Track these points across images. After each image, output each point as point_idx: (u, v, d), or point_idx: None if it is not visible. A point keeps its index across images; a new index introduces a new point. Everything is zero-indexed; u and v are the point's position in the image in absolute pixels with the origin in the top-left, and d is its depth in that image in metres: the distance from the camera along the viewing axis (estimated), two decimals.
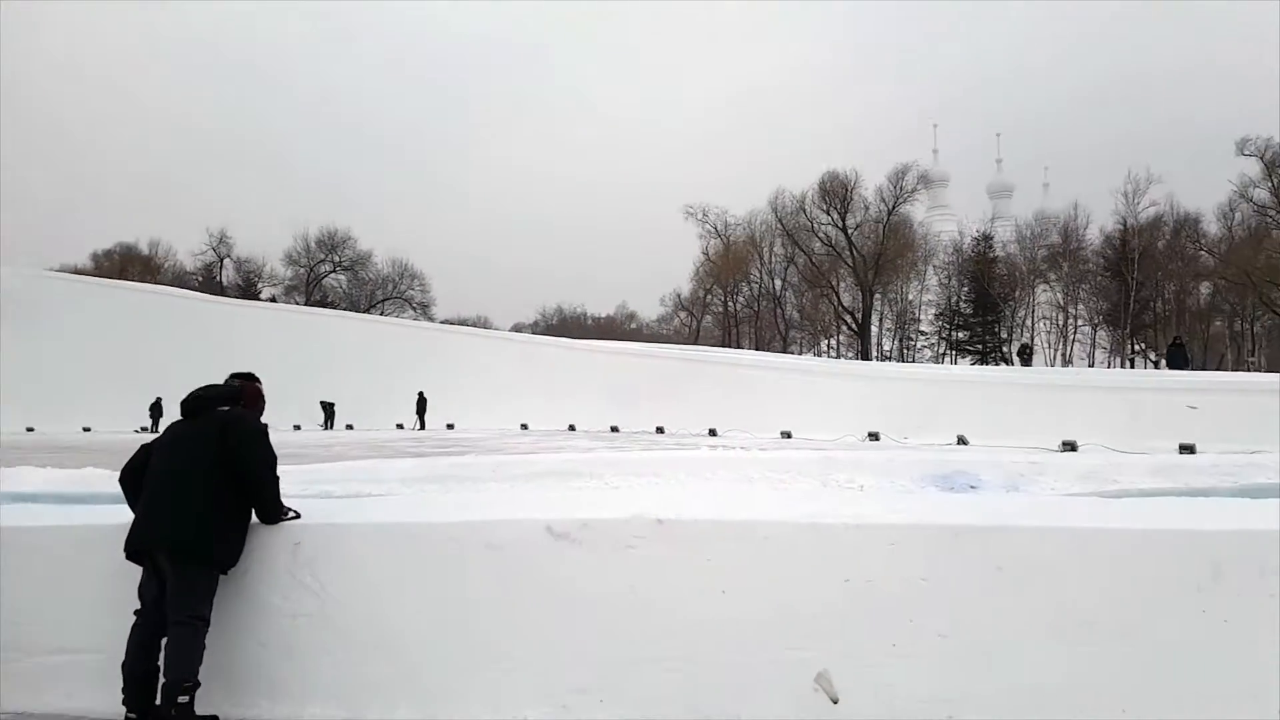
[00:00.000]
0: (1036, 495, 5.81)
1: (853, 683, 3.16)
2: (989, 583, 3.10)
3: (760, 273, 64.20)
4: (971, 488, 6.29)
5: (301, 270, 65.41)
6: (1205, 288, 54.16)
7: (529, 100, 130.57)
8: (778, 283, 64.02)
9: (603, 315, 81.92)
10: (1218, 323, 55.54)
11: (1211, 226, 53.57)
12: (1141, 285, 50.65)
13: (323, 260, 65.51)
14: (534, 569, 3.34)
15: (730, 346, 55.11)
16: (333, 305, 59.97)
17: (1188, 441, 17.17)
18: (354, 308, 60.56)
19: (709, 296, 66.48)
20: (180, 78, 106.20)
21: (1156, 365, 47.33)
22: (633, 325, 78.59)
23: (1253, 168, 48.80)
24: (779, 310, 63.75)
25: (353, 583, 3.53)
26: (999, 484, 6.22)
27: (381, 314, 60.45)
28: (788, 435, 21.47)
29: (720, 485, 6.19)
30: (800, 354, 57.74)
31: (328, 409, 30.65)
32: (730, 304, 65.79)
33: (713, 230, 64.48)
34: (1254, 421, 18.48)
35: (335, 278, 66.65)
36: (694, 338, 62.86)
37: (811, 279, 60.09)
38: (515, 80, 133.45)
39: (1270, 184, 48.41)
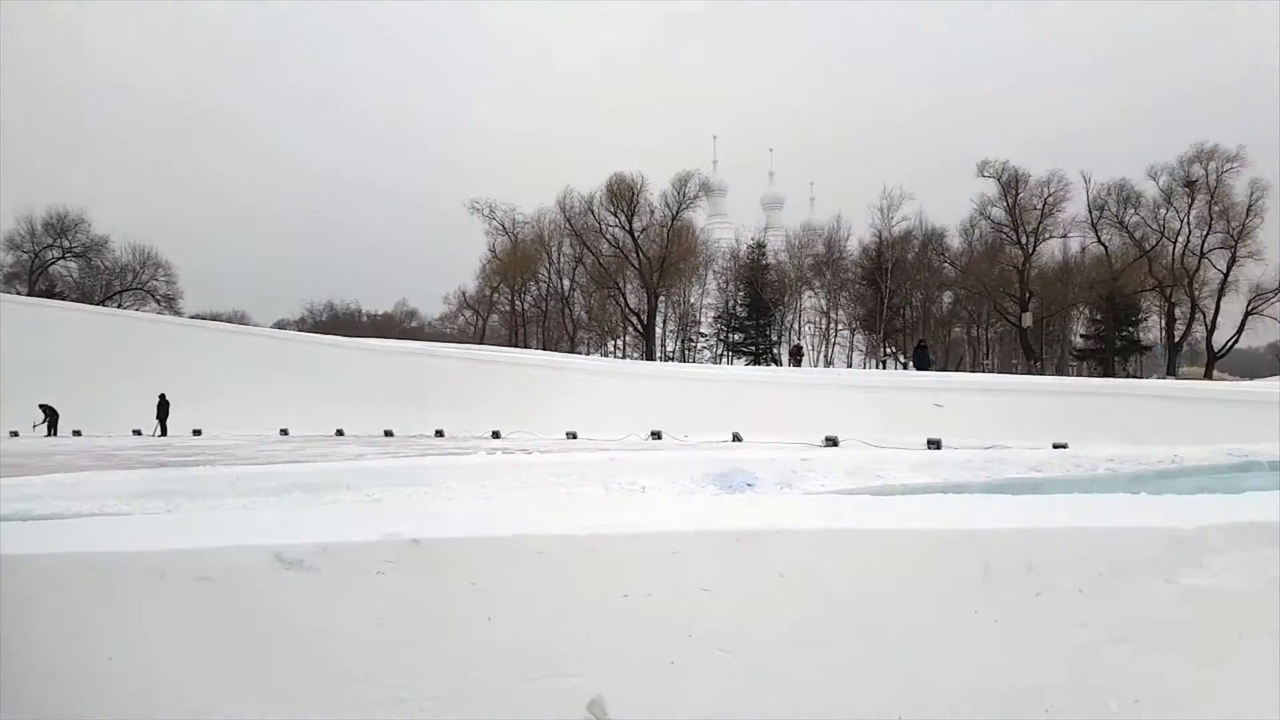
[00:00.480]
0: (815, 493, 5.88)
1: (628, 707, 2.86)
2: (773, 590, 2.92)
3: (549, 272, 64.07)
4: (749, 485, 6.28)
5: (25, 256, 57.37)
6: (948, 296, 60.39)
7: (288, 91, 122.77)
8: (566, 282, 64.17)
9: (379, 312, 78.54)
10: (957, 329, 62.15)
11: (954, 241, 59.85)
12: (894, 293, 55.61)
13: (50, 245, 57.82)
14: (256, 605, 2.74)
15: (518, 346, 54.57)
16: (61, 296, 52.93)
17: (934, 437, 18.89)
18: (87, 299, 53.80)
19: (495, 295, 65.46)
20: None
21: (905, 366, 52.24)
22: (413, 323, 75.95)
23: (991, 188, 55.22)
24: (567, 310, 63.91)
25: (17, 629, 2.78)
26: (773, 481, 6.24)
27: (119, 306, 54.28)
28: (573, 436, 21.33)
29: (495, 494, 5.78)
30: (588, 354, 58.24)
31: (49, 413, 26.83)
32: (518, 303, 65.14)
33: (500, 227, 63.70)
34: (991, 418, 20.62)
35: (65, 265, 59.06)
36: (480, 337, 61.68)
37: (599, 279, 60.63)
38: (276, 63, 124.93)
39: (1005, 203, 54.83)
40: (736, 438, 20.82)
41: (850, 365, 56.65)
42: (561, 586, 2.89)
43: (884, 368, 54.57)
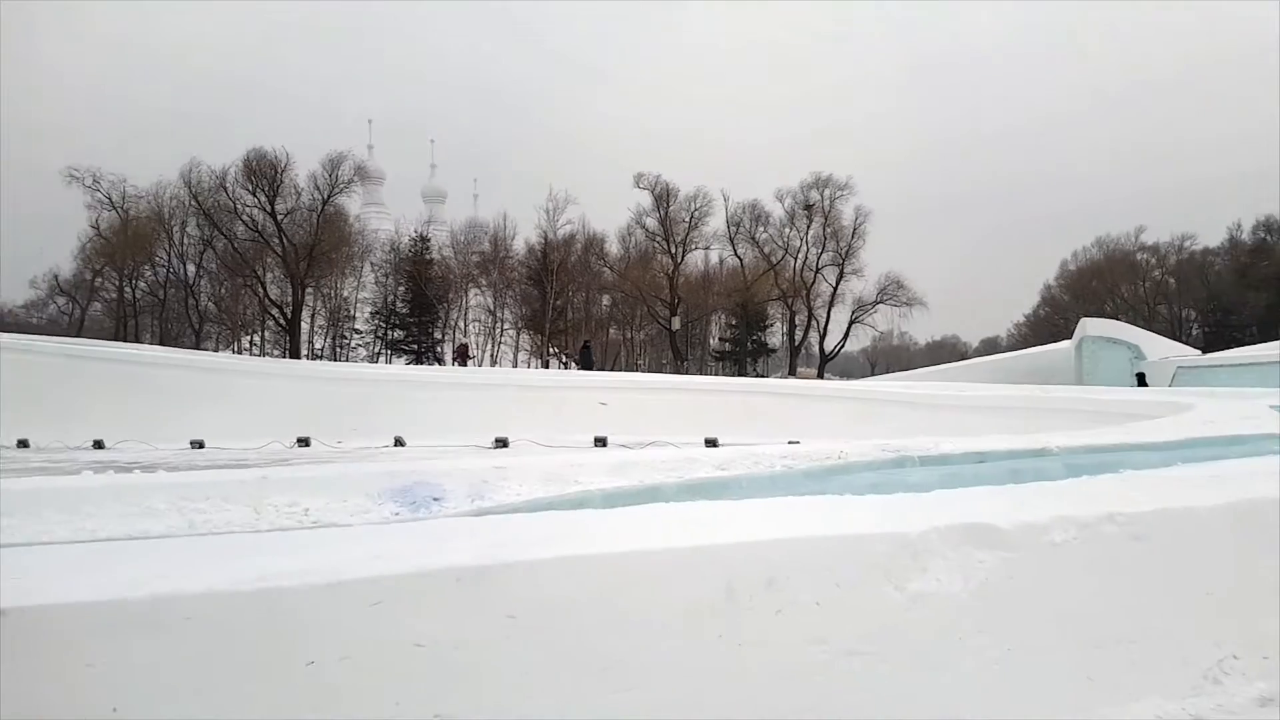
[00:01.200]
0: (521, 511, 5.42)
1: None
2: (502, 635, 2.42)
3: (169, 255, 56.12)
4: (435, 501, 5.63)
5: None
6: (606, 299, 63.37)
7: None
8: (191, 268, 56.80)
9: None
10: (613, 330, 65.43)
11: (613, 246, 62.54)
12: (558, 294, 57.13)
13: None
14: None
15: (126, 340, 47.21)
16: None
17: (601, 434, 19.43)
18: None
19: (99, 280, 56.19)
20: None
21: (567, 365, 53.87)
22: None
23: (646, 199, 58.97)
24: (191, 300, 56.67)
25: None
26: (464, 494, 5.62)
27: None
28: (200, 445, 18.62)
29: (108, 527, 4.51)
30: (216, 350, 52.27)
31: None
32: (129, 290, 56.50)
33: (106, 200, 54.25)
34: (652, 415, 21.61)
35: None
36: (77, 329, 52.36)
37: (233, 266, 54.10)
38: None
39: (658, 214, 58.89)
40: (399, 442, 19.71)
41: (516, 365, 57.17)
42: (221, 663, 2.14)
43: (548, 367, 55.81)
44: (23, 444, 18.94)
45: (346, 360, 53.27)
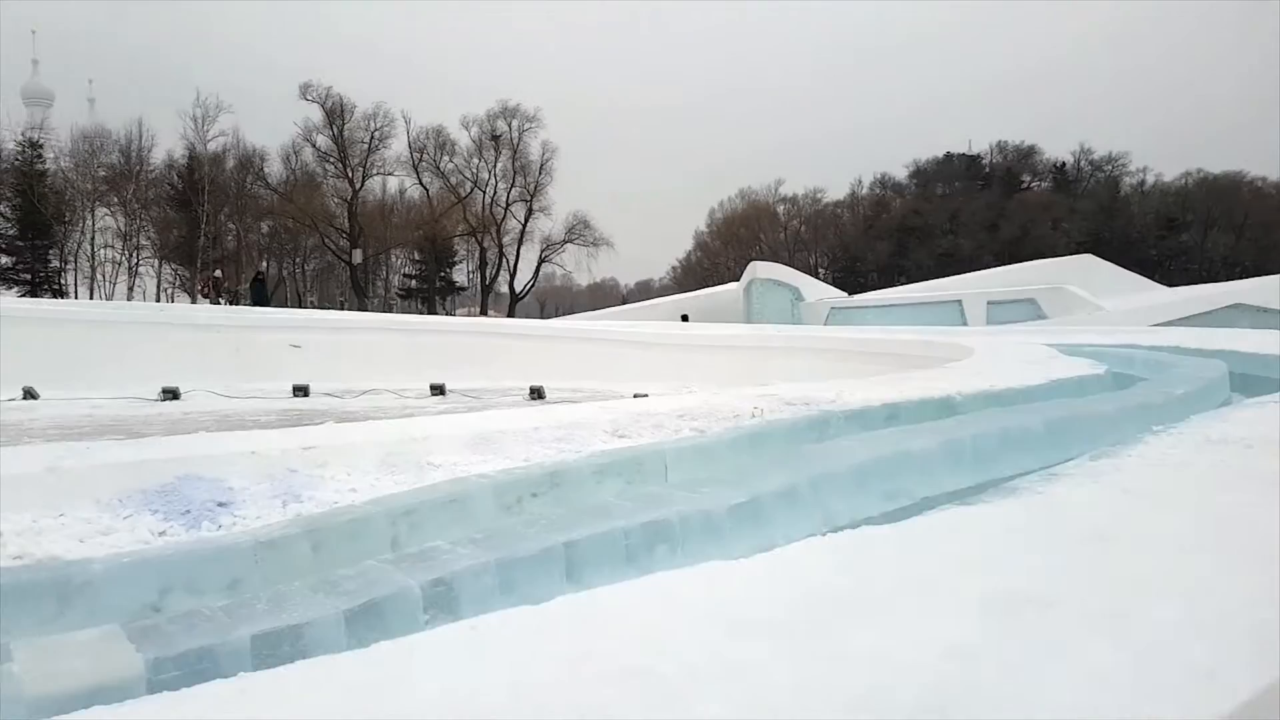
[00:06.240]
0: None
1: None
2: None
3: None
4: (221, 506, 3.64)
5: None
6: (265, 226, 56.28)
7: None
8: None
9: None
10: (269, 262, 58.35)
11: (275, 166, 55.49)
12: (210, 218, 49.55)
13: None
14: None
15: None
16: None
17: (300, 383, 16.67)
18: None
19: None
20: None
21: (232, 302, 47.05)
22: None
23: (315, 113, 52.56)
24: None
25: None
26: (266, 493, 3.71)
27: None
28: None
29: None
30: None
31: None
32: None
33: None
34: (354, 359, 19.10)
35: None
36: None
37: None
38: None
39: (331, 132, 52.77)
40: (30, 394, 15.52)
41: (159, 299, 48.98)
42: None
43: (195, 302, 48.46)
44: None
45: None
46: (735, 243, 71.13)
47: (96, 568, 2.98)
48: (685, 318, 34.02)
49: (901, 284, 45.53)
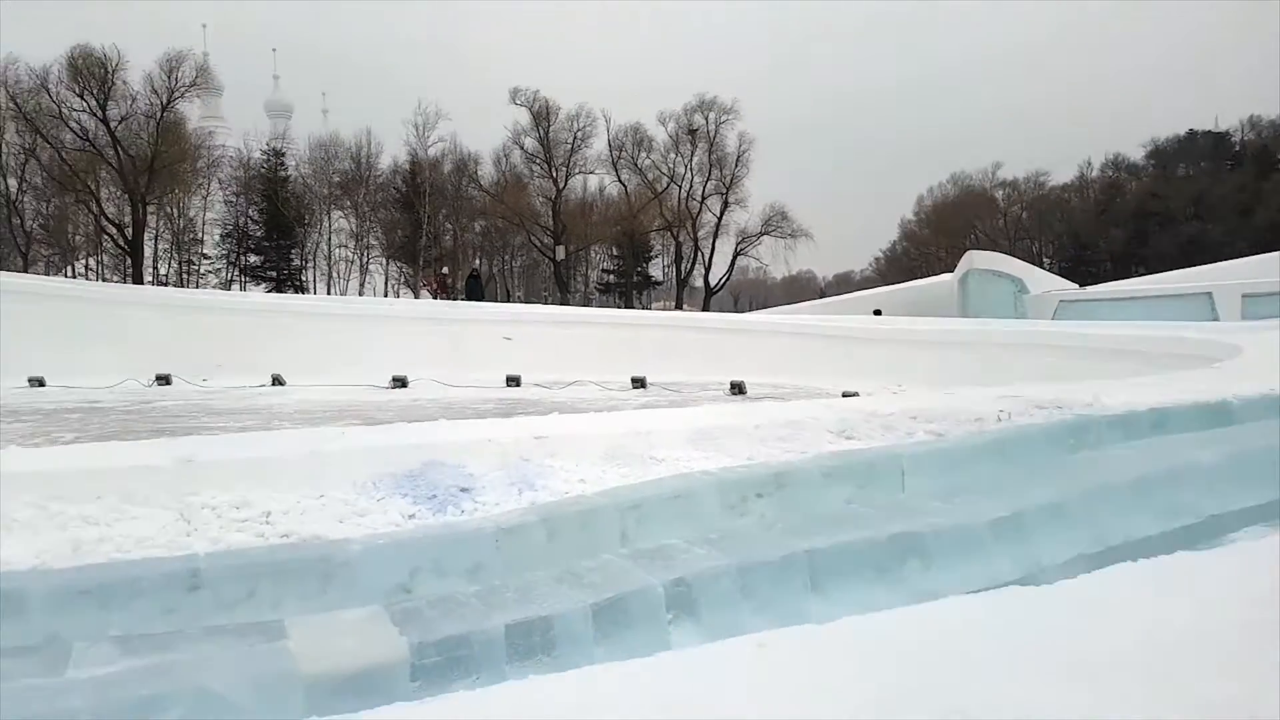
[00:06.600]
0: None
1: None
2: None
3: None
4: (464, 491, 3.76)
5: None
6: (478, 225, 59.63)
7: None
8: (13, 182, 49.46)
9: None
10: (480, 259, 61.76)
11: (488, 169, 58.32)
12: (430, 219, 53.20)
13: None
14: None
15: None
16: None
17: (513, 373, 17.46)
18: None
19: None
20: None
21: (449, 297, 50.26)
22: None
23: (524, 116, 54.98)
24: (16, 219, 49.38)
25: None
26: (501, 480, 3.79)
27: None
28: (39, 383, 15.62)
29: None
30: (48, 276, 45.96)
31: None
32: None
33: None
34: (562, 351, 19.78)
35: None
36: None
37: (63, 180, 47.21)
38: None
39: (538, 133, 55.12)
40: (277, 381, 17.24)
41: (387, 295, 53.23)
42: None
43: (417, 298, 52.16)
44: None
45: (197, 288, 48.01)
46: (946, 231, 67.30)
47: (355, 548, 3.11)
48: (878, 312, 32.61)
49: (1139, 274, 41.31)
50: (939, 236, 67.76)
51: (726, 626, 2.38)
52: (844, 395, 9.09)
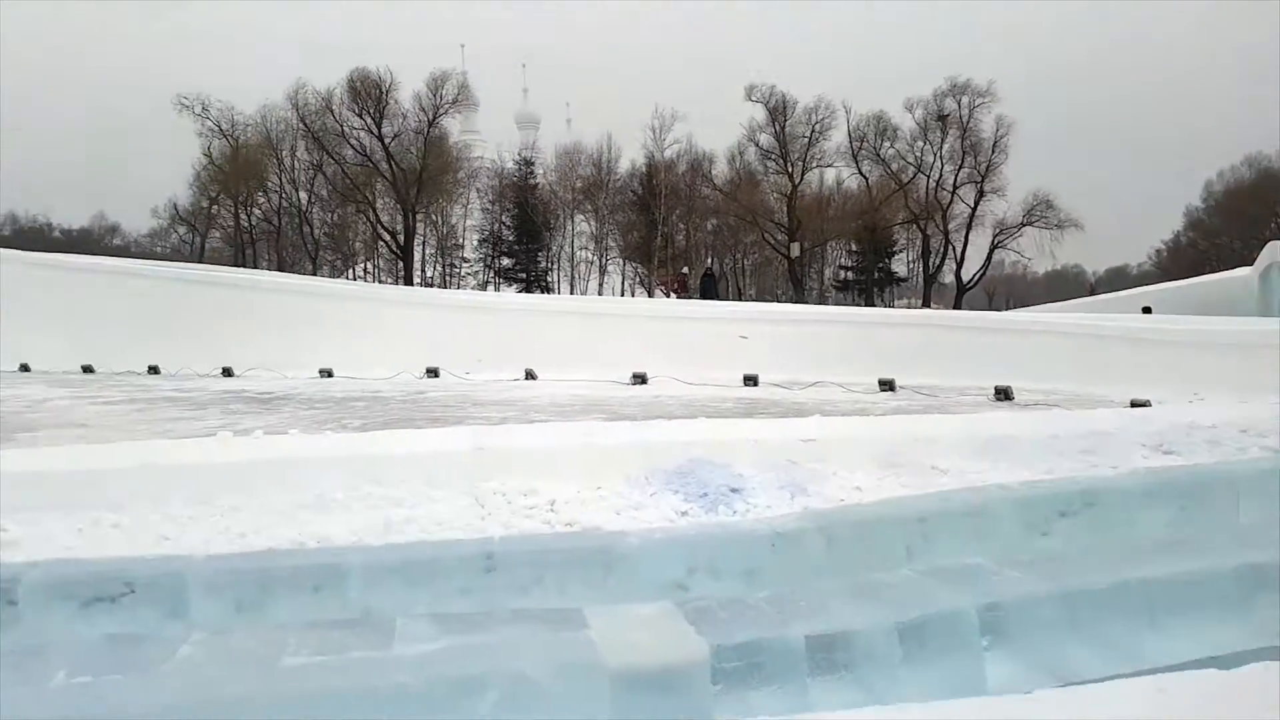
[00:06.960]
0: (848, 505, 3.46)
1: None
2: None
3: (281, 181, 55.64)
4: (734, 491, 3.68)
5: None
6: (710, 224, 60.05)
7: None
8: (303, 195, 56.32)
9: (75, 227, 66.21)
10: (712, 258, 62.06)
11: (721, 167, 58.29)
12: (665, 220, 54.42)
13: None
14: None
15: (245, 268, 47.37)
16: None
17: (750, 372, 17.34)
18: None
19: (215, 208, 56.43)
20: None
21: (688, 296, 51.31)
22: (116, 240, 64.53)
23: (759, 113, 54.09)
24: (306, 227, 56.40)
25: None
26: (773, 484, 3.67)
27: None
28: (328, 374, 17.70)
29: (258, 533, 2.87)
30: (332, 278, 52.06)
31: None
32: (244, 217, 56.67)
33: (215, 128, 53.89)
34: (799, 351, 19.42)
35: None
36: (198, 256, 52.93)
37: (345, 192, 53.28)
38: None
39: (773, 129, 54.38)
40: (530, 374, 18.29)
41: (624, 294, 55.19)
42: None
43: (651, 296, 53.63)
44: (153, 370, 18.32)
45: (458, 288, 52.41)
46: (1241, 220, 58.96)
47: (633, 541, 3.11)
48: (1147, 310, 29.09)
49: None
50: (1232, 226, 59.50)
51: (1050, 662, 2.11)
52: (1132, 404, 8.14)
